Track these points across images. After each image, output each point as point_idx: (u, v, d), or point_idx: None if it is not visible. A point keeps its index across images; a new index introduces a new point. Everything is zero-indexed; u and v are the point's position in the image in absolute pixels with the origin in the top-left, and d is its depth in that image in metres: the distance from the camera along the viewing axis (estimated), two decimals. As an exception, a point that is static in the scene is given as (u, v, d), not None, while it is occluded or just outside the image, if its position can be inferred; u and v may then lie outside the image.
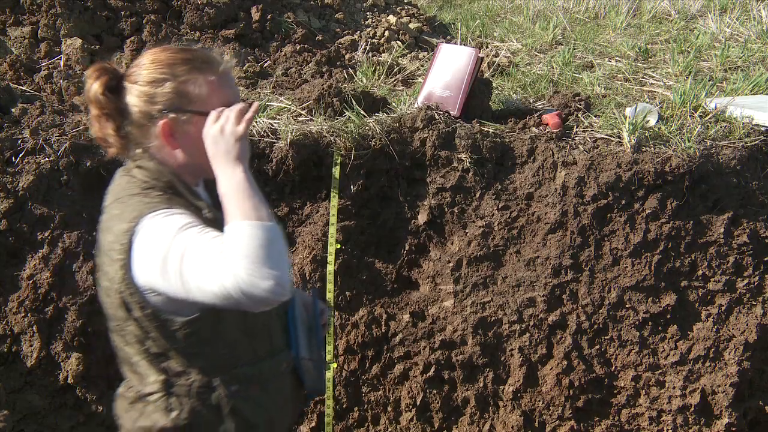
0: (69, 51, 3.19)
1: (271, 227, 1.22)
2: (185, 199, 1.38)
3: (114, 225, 1.33)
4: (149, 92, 1.34)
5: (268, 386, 1.50)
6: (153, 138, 1.37)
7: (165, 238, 1.23)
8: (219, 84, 1.37)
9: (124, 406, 1.47)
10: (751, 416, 2.78)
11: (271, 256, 1.17)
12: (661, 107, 2.94)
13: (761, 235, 2.67)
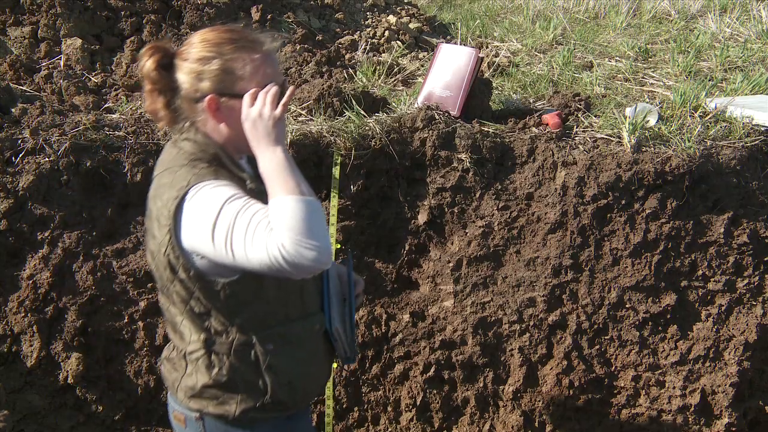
0: (69, 51, 3.19)
1: (312, 201, 1.30)
2: (230, 171, 1.46)
3: (164, 192, 1.42)
4: (197, 69, 1.42)
5: (303, 345, 1.57)
6: (200, 113, 1.46)
7: (213, 207, 1.31)
8: (262, 63, 1.44)
9: (168, 367, 1.58)
10: (751, 416, 2.78)
11: (313, 227, 1.26)
12: (661, 107, 2.94)
13: (761, 235, 2.67)
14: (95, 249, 2.49)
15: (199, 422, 1.53)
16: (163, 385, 2.54)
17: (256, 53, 1.44)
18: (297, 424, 1.65)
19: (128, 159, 2.51)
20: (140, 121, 2.61)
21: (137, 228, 2.55)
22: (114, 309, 2.49)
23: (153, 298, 2.51)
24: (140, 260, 2.51)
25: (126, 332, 2.50)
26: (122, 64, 3.24)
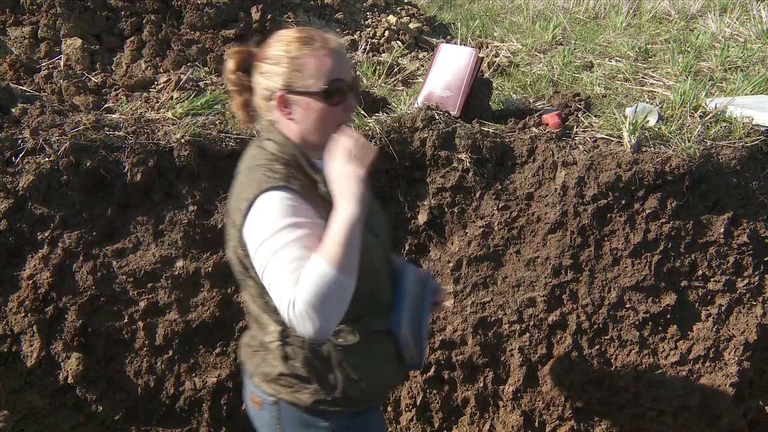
0: (69, 51, 3.19)
1: (344, 281, 1.32)
2: (305, 173, 1.52)
3: (239, 192, 1.51)
4: (268, 69, 1.50)
5: (373, 345, 1.61)
6: (273, 111, 1.53)
7: (269, 227, 1.39)
8: (327, 59, 1.49)
9: (248, 353, 1.67)
10: (751, 416, 2.78)
11: (327, 307, 1.31)
12: (661, 107, 2.94)
13: (761, 235, 2.67)
14: (95, 249, 2.49)
15: (274, 406, 1.61)
16: (163, 385, 2.54)
17: (321, 50, 1.49)
18: (368, 419, 1.70)
19: (128, 159, 2.51)
20: (140, 121, 2.61)
21: (137, 228, 2.55)
22: (114, 309, 2.49)
23: (153, 298, 2.51)
24: (140, 260, 2.51)
25: (126, 332, 2.50)
26: (122, 64, 3.24)
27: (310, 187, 1.50)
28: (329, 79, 1.48)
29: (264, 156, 1.55)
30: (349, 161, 1.40)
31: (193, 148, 2.56)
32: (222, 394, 2.57)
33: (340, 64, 1.52)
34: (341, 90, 1.50)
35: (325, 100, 1.49)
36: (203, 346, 2.56)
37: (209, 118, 2.69)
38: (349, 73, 1.53)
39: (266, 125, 1.59)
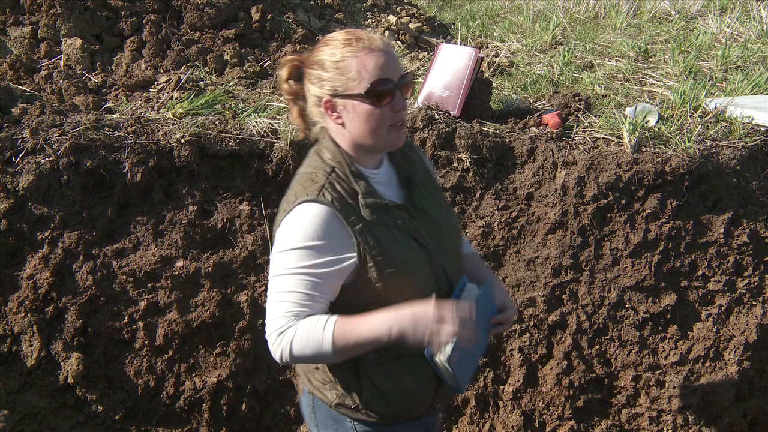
0: (69, 51, 3.19)
1: (334, 359, 1.43)
2: (348, 181, 1.51)
3: (283, 201, 1.56)
4: (316, 74, 1.49)
5: (402, 362, 1.57)
6: (325, 118, 1.53)
7: (288, 242, 1.46)
8: (370, 58, 1.46)
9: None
10: (751, 416, 2.78)
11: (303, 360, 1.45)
12: (661, 107, 2.94)
13: (761, 235, 2.67)
14: (95, 249, 2.49)
15: (310, 395, 1.68)
16: (163, 385, 2.54)
17: (363, 50, 1.46)
18: (402, 430, 1.66)
19: (128, 159, 2.51)
20: (140, 121, 2.61)
21: (137, 228, 2.55)
22: (114, 309, 2.49)
23: (153, 298, 2.51)
24: (140, 260, 2.51)
25: (126, 332, 2.50)
26: (122, 64, 3.25)
27: (349, 196, 1.48)
28: (373, 79, 1.45)
29: (313, 163, 1.56)
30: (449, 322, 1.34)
31: (193, 148, 2.56)
32: (222, 394, 2.56)
33: (385, 62, 1.48)
34: (386, 90, 1.46)
35: (370, 101, 1.46)
36: (203, 346, 2.56)
37: (209, 118, 2.69)
38: (395, 71, 1.49)
39: (320, 132, 1.58)
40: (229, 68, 3.30)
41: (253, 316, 2.57)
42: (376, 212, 1.49)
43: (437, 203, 1.66)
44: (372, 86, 1.45)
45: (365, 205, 1.49)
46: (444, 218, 1.66)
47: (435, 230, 1.60)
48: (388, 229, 1.52)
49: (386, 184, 1.60)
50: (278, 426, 2.67)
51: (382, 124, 1.49)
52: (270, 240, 2.62)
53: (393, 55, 1.52)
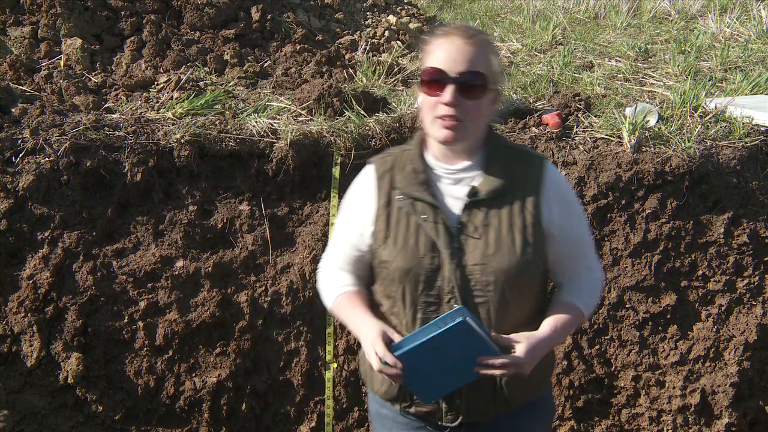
0: (69, 51, 3.19)
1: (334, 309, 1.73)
2: (408, 164, 1.64)
3: None
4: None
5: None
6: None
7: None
8: (434, 47, 1.54)
9: None
10: (751, 416, 2.78)
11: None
12: (661, 107, 2.94)
13: (761, 235, 2.67)
14: (95, 249, 2.49)
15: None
16: (163, 385, 2.54)
17: (436, 39, 1.53)
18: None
19: (128, 159, 2.51)
20: (140, 121, 2.61)
21: (137, 228, 2.55)
22: (114, 309, 2.49)
23: (153, 298, 2.51)
24: (140, 260, 2.51)
25: (126, 332, 2.50)
26: (122, 64, 3.25)
27: (410, 173, 1.61)
28: (426, 67, 1.50)
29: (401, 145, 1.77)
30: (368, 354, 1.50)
31: (193, 148, 2.56)
32: (222, 394, 2.57)
33: (445, 52, 1.49)
34: (433, 80, 1.48)
35: (422, 89, 1.52)
36: (203, 346, 2.56)
37: (209, 118, 2.68)
38: (455, 64, 1.47)
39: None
40: (229, 68, 3.30)
41: (253, 316, 2.57)
42: (402, 197, 1.58)
43: (496, 229, 1.54)
44: (423, 73, 1.50)
45: (394, 187, 1.60)
46: (495, 245, 1.53)
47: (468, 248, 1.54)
48: (403, 217, 1.59)
49: (454, 183, 1.59)
50: (278, 426, 2.68)
51: (429, 113, 1.53)
52: (270, 240, 2.62)
53: (464, 48, 1.49)
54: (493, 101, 1.59)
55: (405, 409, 1.68)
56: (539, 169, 1.59)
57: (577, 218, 1.65)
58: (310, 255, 2.60)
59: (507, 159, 1.60)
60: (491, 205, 1.55)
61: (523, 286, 1.56)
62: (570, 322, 1.61)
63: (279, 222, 2.66)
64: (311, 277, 2.61)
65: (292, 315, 2.60)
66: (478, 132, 1.60)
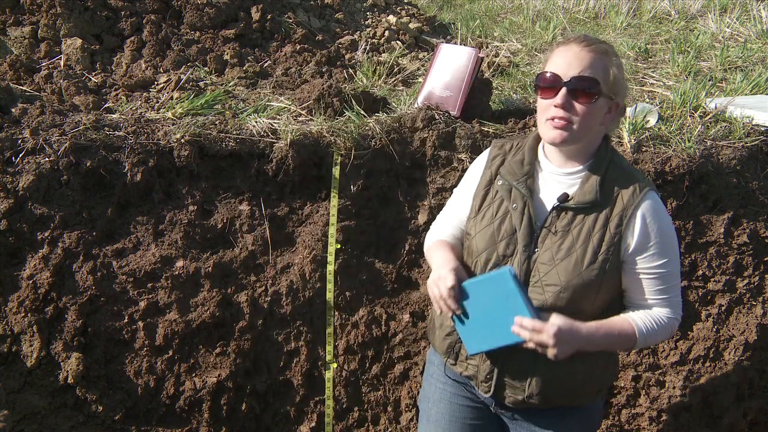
0: (69, 51, 3.19)
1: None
2: (519, 154, 1.75)
3: None
4: None
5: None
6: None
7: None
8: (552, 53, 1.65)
9: None
10: (751, 416, 2.78)
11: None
12: (661, 107, 2.94)
13: (761, 235, 2.67)
14: (95, 249, 2.50)
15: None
16: (163, 385, 2.54)
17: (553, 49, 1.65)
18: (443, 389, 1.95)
19: (128, 159, 2.51)
20: (140, 121, 2.61)
21: (137, 228, 2.55)
22: (114, 309, 2.49)
23: (153, 298, 2.51)
24: (140, 260, 2.51)
25: (126, 332, 2.50)
26: (122, 64, 3.25)
27: (517, 163, 1.73)
28: (541, 71, 1.61)
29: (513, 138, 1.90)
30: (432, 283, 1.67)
31: (193, 148, 2.56)
32: (222, 394, 2.57)
33: (558, 57, 1.60)
34: (547, 83, 1.58)
35: (537, 93, 1.63)
36: (203, 346, 2.56)
37: (209, 118, 2.68)
38: (568, 69, 1.56)
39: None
40: (229, 68, 3.30)
41: (253, 316, 2.57)
42: (502, 182, 1.73)
43: (573, 238, 1.62)
44: (538, 77, 1.61)
45: (498, 172, 1.76)
46: (566, 251, 1.62)
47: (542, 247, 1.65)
48: (497, 199, 1.74)
49: (550, 182, 1.70)
50: (278, 426, 2.68)
51: (542, 115, 1.62)
52: (270, 240, 2.62)
53: (580, 54, 1.57)
54: (610, 111, 1.63)
55: (451, 365, 1.85)
56: (637, 197, 1.62)
57: (659, 256, 1.65)
58: (310, 255, 2.61)
59: (611, 177, 1.65)
60: (578, 214, 1.64)
61: (582, 299, 1.62)
62: (618, 333, 1.64)
63: (279, 222, 2.66)
64: (311, 277, 2.61)
65: (292, 315, 2.60)
66: (589, 138, 1.64)
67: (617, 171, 1.66)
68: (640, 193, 1.63)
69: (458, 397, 1.91)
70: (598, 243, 1.62)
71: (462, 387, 1.90)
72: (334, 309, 2.64)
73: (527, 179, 1.70)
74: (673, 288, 1.70)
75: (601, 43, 1.60)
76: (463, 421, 1.90)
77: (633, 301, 1.71)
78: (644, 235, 1.62)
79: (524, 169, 1.71)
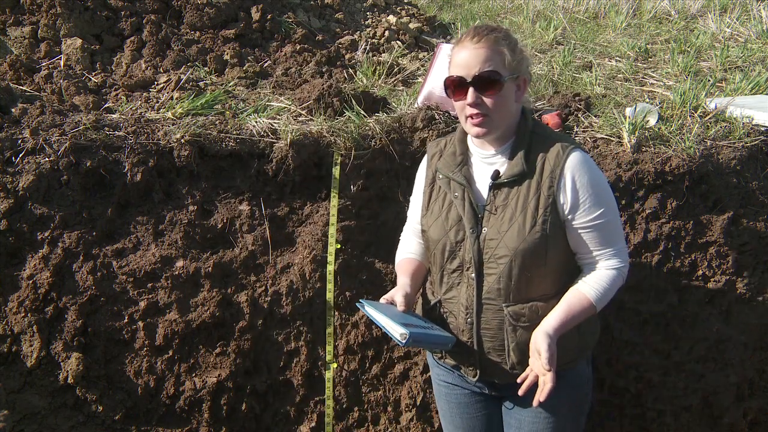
0: (69, 51, 3.19)
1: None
2: (452, 147, 1.92)
3: None
4: None
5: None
6: None
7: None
8: (451, 61, 1.76)
9: None
10: (751, 416, 2.78)
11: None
12: (661, 107, 2.94)
13: (761, 235, 2.67)
14: (95, 249, 2.50)
15: None
16: (163, 385, 2.54)
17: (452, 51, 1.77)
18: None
19: (128, 159, 2.51)
20: (140, 121, 2.61)
21: (137, 228, 2.55)
22: (114, 309, 2.49)
23: (153, 298, 2.51)
24: (140, 260, 2.51)
25: (126, 332, 2.50)
26: (122, 64, 3.25)
27: (450, 156, 1.89)
28: (448, 76, 1.74)
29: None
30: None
31: (193, 148, 2.56)
32: (222, 394, 2.57)
33: (459, 60, 1.71)
34: (455, 86, 1.71)
35: (449, 96, 1.76)
36: (203, 346, 2.56)
37: (209, 118, 2.69)
38: (468, 68, 1.68)
39: None
40: (229, 68, 3.30)
41: (253, 316, 2.57)
42: (442, 176, 1.88)
43: (512, 209, 1.76)
44: (445, 82, 1.74)
45: (436, 168, 1.91)
46: (508, 223, 1.76)
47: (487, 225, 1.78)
48: (441, 193, 1.89)
49: (482, 166, 1.84)
50: (278, 426, 2.68)
51: (460, 114, 1.78)
52: (270, 240, 2.62)
53: (474, 51, 1.68)
54: (519, 88, 1.76)
55: (440, 358, 2.01)
56: (561, 158, 1.73)
57: (594, 208, 1.73)
58: (310, 255, 2.61)
59: (535, 146, 1.77)
60: (512, 187, 1.76)
61: (534, 262, 1.75)
62: (579, 310, 1.77)
63: (279, 222, 2.66)
64: (311, 277, 2.61)
65: (292, 315, 2.60)
66: (508, 120, 1.78)
67: (540, 140, 1.79)
68: (563, 153, 1.74)
69: (455, 395, 2.05)
70: (535, 207, 1.74)
71: (455, 385, 2.04)
72: (334, 309, 2.64)
73: (461, 168, 1.85)
74: (615, 237, 1.80)
75: (490, 32, 1.71)
76: (468, 415, 2.04)
77: (581, 258, 1.82)
78: (574, 190, 1.73)
79: (457, 159, 1.87)
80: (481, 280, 1.80)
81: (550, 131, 1.87)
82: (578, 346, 1.89)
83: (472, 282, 1.81)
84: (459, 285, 1.85)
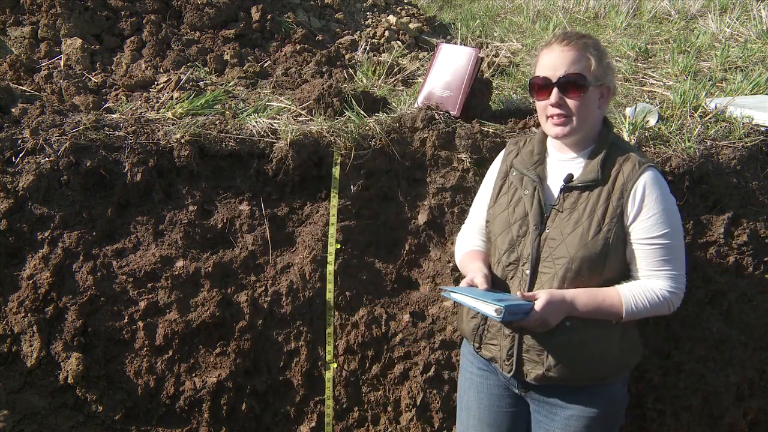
0: (69, 51, 3.19)
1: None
2: (530, 146, 1.96)
3: None
4: None
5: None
6: None
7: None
8: (540, 56, 1.83)
9: None
10: (751, 416, 2.78)
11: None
12: (661, 107, 2.94)
13: (761, 235, 2.67)
14: (95, 249, 2.50)
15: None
16: (163, 385, 2.54)
17: (539, 52, 1.84)
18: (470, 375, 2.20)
19: (128, 159, 2.51)
20: (140, 121, 2.61)
21: (137, 228, 2.55)
22: (114, 309, 2.49)
23: (153, 298, 2.51)
24: (140, 260, 2.51)
25: (126, 332, 2.50)
26: (122, 64, 3.25)
27: (528, 154, 1.93)
28: (533, 76, 1.80)
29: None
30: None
31: (193, 148, 2.56)
32: (222, 394, 2.57)
33: (546, 61, 1.77)
34: (540, 86, 1.76)
35: (532, 96, 1.82)
36: (203, 346, 2.56)
37: (209, 118, 2.69)
38: (554, 69, 1.74)
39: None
40: (229, 68, 3.30)
41: (253, 316, 2.57)
42: (516, 172, 1.94)
43: (579, 214, 1.79)
44: (530, 82, 1.80)
45: (512, 164, 1.96)
46: (573, 226, 1.79)
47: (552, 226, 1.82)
48: (512, 188, 1.93)
49: (558, 168, 1.88)
50: (278, 426, 2.68)
51: (541, 115, 1.83)
52: (270, 240, 2.62)
53: (562, 53, 1.73)
54: (602, 95, 1.81)
55: (476, 350, 2.04)
56: (636, 172, 1.78)
57: (658, 227, 1.77)
58: (310, 255, 2.61)
59: (612, 157, 1.82)
60: (582, 192, 1.80)
61: (590, 270, 1.78)
62: (602, 298, 1.78)
63: (279, 222, 2.66)
64: (311, 277, 2.61)
65: (292, 315, 2.60)
66: (588, 126, 1.82)
67: (619, 152, 1.82)
68: (639, 168, 1.78)
69: (488, 386, 2.08)
70: (602, 215, 1.77)
71: (490, 375, 2.07)
72: (334, 309, 2.64)
73: (537, 167, 1.89)
74: (674, 261, 1.79)
75: (579, 38, 1.75)
76: (497, 409, 2.08)
77: (634, 273, 1.82)
78: (643, 204, 1.77)
79: (534, 158, 1.91)
80: (535, 278, 1.83)
81: (630, 146, 1.92)
82: (617, 361, 1.88)
83: (525, 278, 1.84)
84: (512, 278, 1.88)
